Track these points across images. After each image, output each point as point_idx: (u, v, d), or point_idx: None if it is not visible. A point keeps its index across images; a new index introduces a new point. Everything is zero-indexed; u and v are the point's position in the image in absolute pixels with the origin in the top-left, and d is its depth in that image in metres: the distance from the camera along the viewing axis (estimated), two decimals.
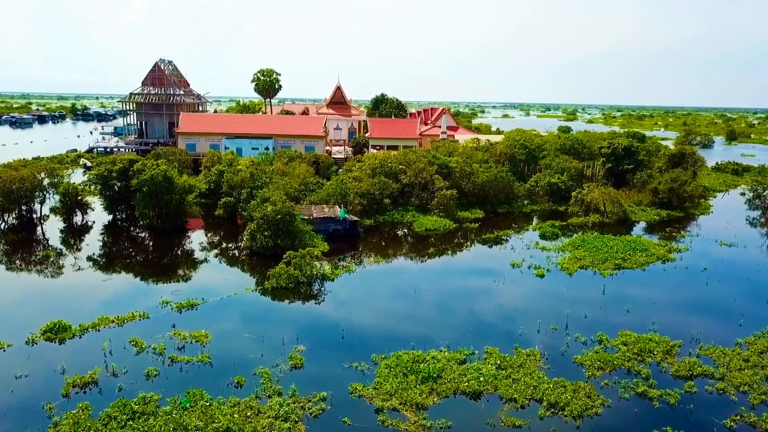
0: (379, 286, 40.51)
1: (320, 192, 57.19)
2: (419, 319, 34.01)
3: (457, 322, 33.88)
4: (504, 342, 30.83)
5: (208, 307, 35.20)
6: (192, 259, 47.13)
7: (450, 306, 36.38)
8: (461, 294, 38.85)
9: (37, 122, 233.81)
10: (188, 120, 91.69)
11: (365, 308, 36.06)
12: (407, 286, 39.83)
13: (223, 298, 36.51)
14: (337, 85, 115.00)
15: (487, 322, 34.15)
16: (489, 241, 53.65)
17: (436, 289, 39.37)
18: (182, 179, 55.17)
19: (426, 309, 35.72)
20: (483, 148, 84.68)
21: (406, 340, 30.49)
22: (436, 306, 36.31)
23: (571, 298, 38.34)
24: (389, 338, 31.14)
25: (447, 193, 60.60)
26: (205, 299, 36.09)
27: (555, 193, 71.77)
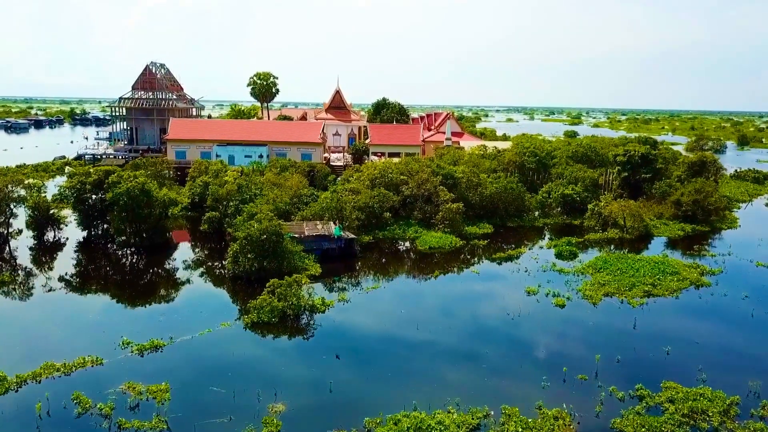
0: (376, 320, 35.30)
1: (314, 206, 52.08)
2: (422, 368, 28.79)
3: (466, 370, 28.66)
4: (524, 397, 25.60)
5: (174, 348, 30.05)
6: (167, 284, 42.05)
7: (458, 348, 31.15)
8: (471, 331, 33.64)
9: (33, 127, 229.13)
10: (178, 126, 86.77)
11: (359, 351, 30.85)
12: (408, 321, 34.60)
13: (193, 337, 31.34)
14: (336, 89, 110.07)
15: (503, 368, 28.91)
16: (500, 261, 48.45)
17: (441, 325, 34.16)
18: (162, 192, 50.12)
19: (430, 353, 30.49)
20: (490, 156, 79.53)
21: (407, 397, 25.28)
22: (442, 348, 31.08)
23: (599, 335, 33.10)
24: (386, 394, 25.97)
25: (453, 207, 55.43)
26: (173, 338, 30.94)
27: (568, 205, 66.53)
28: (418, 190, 59.10)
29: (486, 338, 32.44)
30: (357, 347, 31.12)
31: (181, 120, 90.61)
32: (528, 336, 32.90)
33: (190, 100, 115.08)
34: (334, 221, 49.87)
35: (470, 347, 31.15)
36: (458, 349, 30.93)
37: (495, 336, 32.85)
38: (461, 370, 28.45)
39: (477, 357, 29.93)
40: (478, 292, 40.83)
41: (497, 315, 36.02)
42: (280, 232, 41.60)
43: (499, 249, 52.56)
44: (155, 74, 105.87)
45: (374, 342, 31.97)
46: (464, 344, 31.55)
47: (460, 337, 32.59)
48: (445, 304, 38.24)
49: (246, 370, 27.94)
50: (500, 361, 29.62)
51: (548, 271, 45.31)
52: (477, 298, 39.47)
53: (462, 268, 46.30)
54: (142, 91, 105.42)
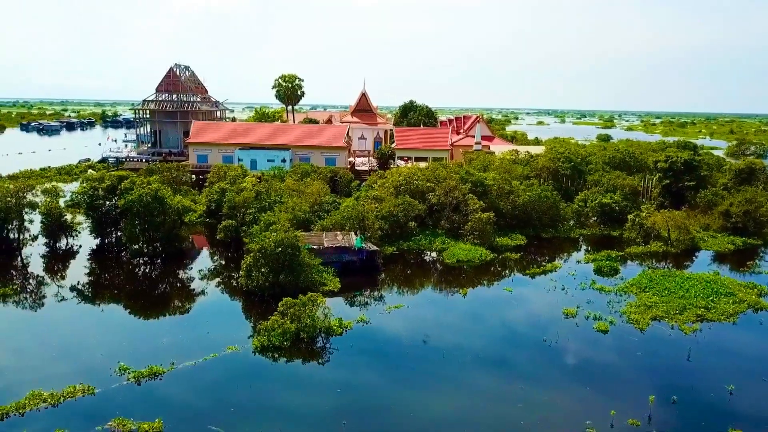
0: (399, 345, 32.06)
1: (335, 215, 49.07)
2: (449, 406, 25.48)
3: (499, 411, 25.26)
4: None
5: (174, 377, 27.27)
6: (176, 298, 39.49)
7: (488, 384, 27.76)
8: (503, 361, 30.21)
9: (65, 129, 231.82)
10: (200, 129, 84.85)
11: (378, 384, 27.69)
12: (433, 349, 31.27)
13: (197, 363, 28.54)
14: (362, 92, 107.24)
15: (541, 408, 25.40)
16: (534, 276, 44.79)
17: (469, 353, 30.79)
18: (176, 200, 47.72)
19: (455, 386, 27.14)
20: (522, 162, 75.65)
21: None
22: (468, 382, 27.72)
23: (649, 369, 29.34)
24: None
25: (483, 217, 51.90)
26: (174, 364, 28.19)
27: (606, 215, 62.34)
28: (445, 198, 55.72)
29: (521, 371, 28.97)
30: (374, 382, 27.96)
31: (203, 123, 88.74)
32: (568, 368, 29.32)
33: (215, 103, 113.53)
34: (356, 231, 46.82)
35: (502, 381, 27.73)
36: (488, 384, 27.54)
37: (530, 368, 29.34)
38: (493, 410, 25.06)
39: (510, 395, 26.49)
40: (510, 313, 37.28)
41: (532, 341, 32.49)
42: (296, 244, 38.69)
43: (533, 263, 48.87)
44: (179, 76, 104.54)
45: (396, 368, 28.77)
46: (495, 378, 28.14)
47: (490, 369, 29.19)
48: (474, 328, 34.83)
49: (250, 404, 24.97)
50: (537, 399, 26.11)
51: (587, 289, 41.51)
52: (510, 321, 35.95)
53: (493, 285, 42.77)
54: (165, 94, 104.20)
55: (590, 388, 27.27)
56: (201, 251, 52.80)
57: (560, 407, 25.38)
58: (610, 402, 25.52)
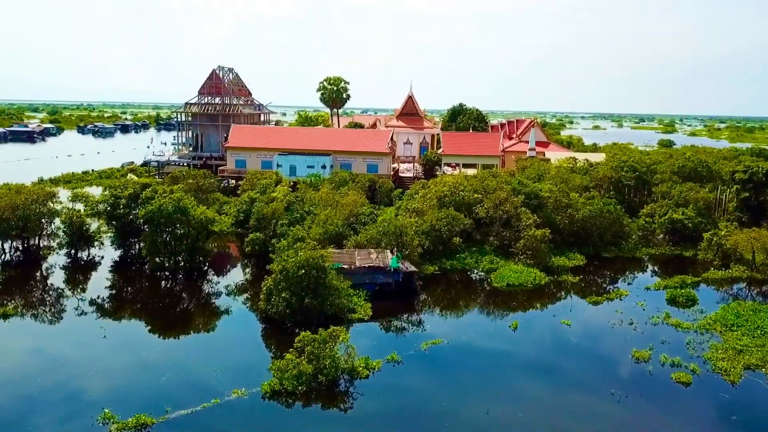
0: (434, 393, 27.02)
1: (370, 229, 44.36)
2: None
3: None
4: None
5: (165, 428, 23.06)
6: (189, 323, 35.61)
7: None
8: (563, 419, 24.74)
9: (119, 131, 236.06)
10: (239, 133, 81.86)
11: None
12: (475, 399, 26.10)
13: (194, 411, 24.25)
14: (408, 95, 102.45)
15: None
16: (596, 304, 38.92)
17: (521, 403, 25.48)
18: (199, 210, 44.04)
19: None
20: (581, 171, 69.18)
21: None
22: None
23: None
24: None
25: (537, 234, 46.21)
26: (168, 411, 24.00)
27: (678, 233, 55.48)
28: (495, 211, 50.23)
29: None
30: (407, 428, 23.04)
31: (242, 126, 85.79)
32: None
33: (258, 106, 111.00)
34: (392, 249, 41.95)
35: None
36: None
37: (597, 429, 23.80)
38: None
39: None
40: (570, 354, 31.60)
41: (597, 393, 26.90)
42: (322, 265, 34.16)
43: (594, 288, 42.96)
44: (222, 79, 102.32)
45: (431, 426, 23.76)
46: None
47: (547, 430, 23.80)
48: (526, 374, 29.42)
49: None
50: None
51: (660, 324, 35.40)
52: (570, 366, 30.33)
53: (548, 316, 37.10)
54: (208, 96, 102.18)
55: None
56: (228, 265, 49.13)
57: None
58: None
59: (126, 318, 35.61)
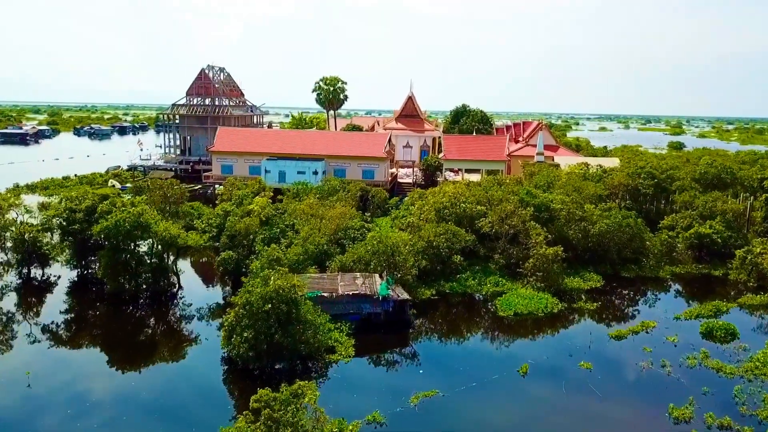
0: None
1: (357, 248, 38.71)
2: None
3: None
4: None
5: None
6: (137, 363, 30.02)
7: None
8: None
9: (117, 133, 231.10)
10: (225, 136, 76.37)
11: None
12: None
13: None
14: (408, 95, 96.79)
15: None
16: (619, 339, 33.23)
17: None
18: (162, 226, 38.53)
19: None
20: (594, 177, 63.37)
21: None
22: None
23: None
24: None
25: (549, 253, 40.54)
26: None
27: (704, 248, 49.72)
28: (500, 226, 44.52)
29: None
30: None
31: (229, 129, 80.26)
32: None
33: (250, 107, 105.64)
34: (382, 272, 36.32)
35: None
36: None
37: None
38: None
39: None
40: (594, 413, 25.89)
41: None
42: (295, 298, 28.60)
43: (615, 317, 37.28)
44: (211, 79, 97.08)
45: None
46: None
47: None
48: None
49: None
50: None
51: (698, 367, 29.70)
52: (595, 430, 24.65)
53: (564, 355, 31.39)
54: (197, 97, 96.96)
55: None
56: (203, 286, 43.67)
57: None
58: None
59: (63, 358, 30.16)
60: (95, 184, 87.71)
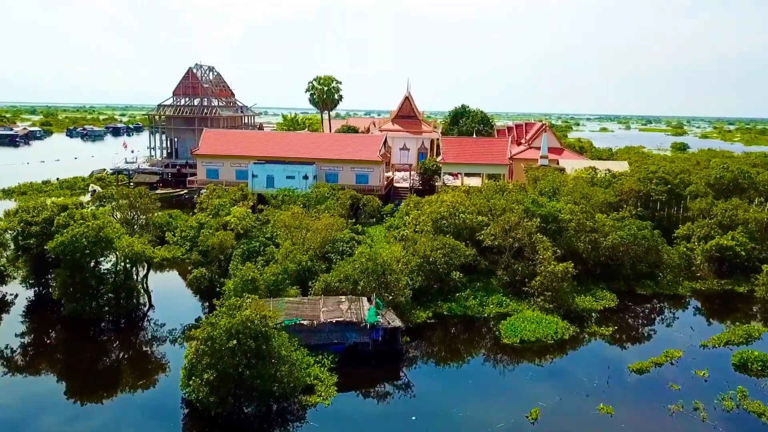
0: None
1: (343, 266, 34.47)
2: None
3: None
4: None
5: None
6: (85, 394, 25.87)
7: None
8: None
9: (110, 134, 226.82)
10: (211, 139, 72.19)
11: None
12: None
13: None
14: (405, 95, 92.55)
15: None
16: (641, 373, 29.07)
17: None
18: (124, 241, 34.33)
19: None
20: (602, 183, 59.21)
21: None
22: None
23: None
24: None
25: (558, 270, 36.38)
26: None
27: (726, 261, 45.59)
28: (504, 238, 40.33)
29: None
30: None
31: (215, 131, 76.03)
32: None
33: (240, 108, 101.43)
34: (371, 295, 32.12)
35: None
36: None
37: None
38: None
39: None
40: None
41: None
42: (265, 331, 24.42)
43: (635, 344, 33.13)
44: (199, 78, 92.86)
45: None
46: None
47: None
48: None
49: None
50: None
51: (736, 410, 25.55)
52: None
53: (580, 396, 27.16)
54: (184, 97, 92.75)
55: None
56: (174, 303, 39.45)
57: None
58: None
59: (20, 377, 26.03)
60: (76, 189, 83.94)
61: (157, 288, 40.39)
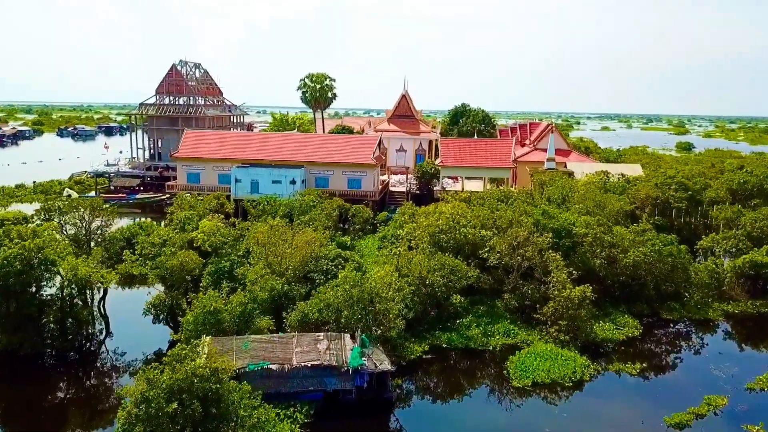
0: None
1: (324, 292, 29.30)
2: None
3: None
4: None
5: None
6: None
7: None
8: None
9: (103, 134, 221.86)
10: (192, 140, 67.11)
11: None
12: None
13: None
14: (402, 93, 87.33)
15: None
16: (681, 429, 24.05)
17: None
18: (69, 263, 29.28)
19: None
20: (616, 189, 54.10)
21: None
22: None
23: None
24: None
25: (575, 294, 31.34)
26: None
27: (761, 279, 40.56)
28: (511, 256, 35.24)
29: None
30: None
31: (196, 132, 70.94)
32: None
33: (228, 107, 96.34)
34: (356, 330, 26.99)
35: None
36: None
37: None
38: None
39: None
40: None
41: None
42: (216, 389, 19.36)
43: (667, 384, 28.13)
44: (184, 76, 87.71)
45: None
46: None
47: None
48: None
49: None
50: None
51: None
52: None
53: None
54: (168, 96, 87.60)
55: None
56: (139, 328, 34.14)
57: None
58: None
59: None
60: (51, 194, 78.72)
61: (118, 310, 35.45)
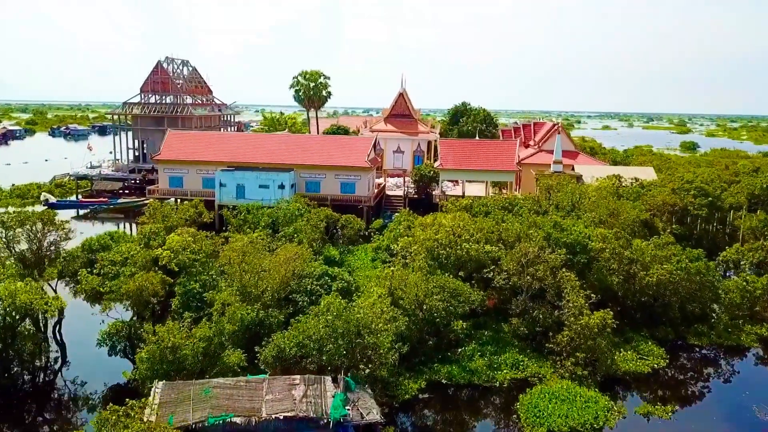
0: None
1: (305, 322, 25.12)
2: None
3: None
4: None
5: None
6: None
7: None
8: None
9: (96, 133, 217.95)
10: (175, 142, 62.85)
11: None
12: None
13: None
14: (400, 92, 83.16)
15: None
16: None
17: None
18: (5, 288, 25.09)
19: None
20: (630, 195, 49.92)
21: None
22: None
23: None
24: None
25: (593, 322, 27.20)
26: None
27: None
28: (520, 276, 31.07)
29: None
30: None
31: (180, 133, 66.66)
32: None
33: (218, 106, 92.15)
34: (339, 369, 22.82)
35: None
36: None
37: None
38: None
39: None
40: None
41: None
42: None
43: (701, 426, 24.02)
44: (170, 73, 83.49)
45: None
46: None
47: None
48: None
49: None
50: None
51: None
52: None
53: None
54: (153, 95, 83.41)
55: None
56: (92, 360, 30.02)
57: None
58: None
59: None
60: (28, 198, 74.54)
61: (81, 332, 31.39)
